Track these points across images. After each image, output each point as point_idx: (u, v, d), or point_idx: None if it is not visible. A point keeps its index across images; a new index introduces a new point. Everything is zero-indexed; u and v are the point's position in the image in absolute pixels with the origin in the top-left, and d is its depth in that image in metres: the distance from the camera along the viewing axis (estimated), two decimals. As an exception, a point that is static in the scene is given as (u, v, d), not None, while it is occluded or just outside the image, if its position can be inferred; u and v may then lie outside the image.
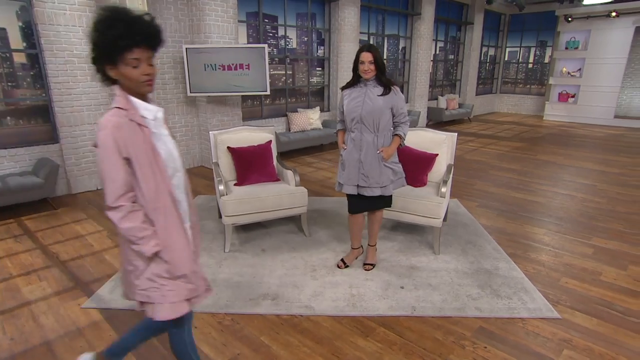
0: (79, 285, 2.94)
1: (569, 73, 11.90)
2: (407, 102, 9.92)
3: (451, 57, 11.76)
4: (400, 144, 2.85)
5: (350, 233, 3.12)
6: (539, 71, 13.49)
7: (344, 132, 2.96)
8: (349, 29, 7.39)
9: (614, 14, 10.47)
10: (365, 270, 3.08)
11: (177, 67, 5.55)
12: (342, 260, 3.16)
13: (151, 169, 1.41)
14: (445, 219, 4.01)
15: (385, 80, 2.73)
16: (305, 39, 7.34)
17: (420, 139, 3.82)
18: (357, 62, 2.68)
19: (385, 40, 9.15)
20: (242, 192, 3.45)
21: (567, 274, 3.11)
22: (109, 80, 1.41)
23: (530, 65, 13.63)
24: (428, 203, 3.29)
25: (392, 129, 2.85)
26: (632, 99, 11.74)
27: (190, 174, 5.84)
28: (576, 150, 7.87)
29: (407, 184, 3.64)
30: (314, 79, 7.73)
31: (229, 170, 3.82)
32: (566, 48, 11.81)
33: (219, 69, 5.29)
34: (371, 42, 8.82)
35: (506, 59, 13.90)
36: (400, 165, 2.92)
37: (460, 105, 11.22)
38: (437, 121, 10.53)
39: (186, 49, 5.16)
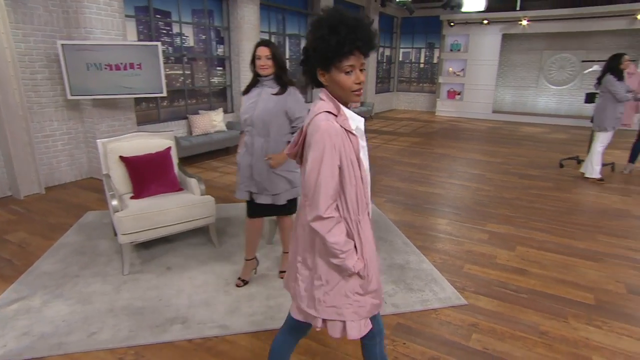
0: None
1: (454, 73, 13.12)
2: (311, 101, 10.02)
3: (351, 57, 12.19)
4: None
5: (245, 240, 2.88)
6: (430, 70, 14.65)
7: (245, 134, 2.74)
8: (249, 28, 7.18)
9: (485, 21, 11.79)
10: (281, 278, 2.97)
11: (52, 66, 4.82)
12: (239, 278, 2.90)
13: (355, 180, 1.34)
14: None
15: (286, 79, 2.55)
16: (203, 37, 6.96)
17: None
18: (253, 58, 2.50)
19: (287, 40, 9.11)
20: (139, 206, 3.09)
21: (469, 261, 3.35)
22: (314, 83, 1.35)
23: (421, 65, 14.74)
24: (340, 203, 3.28)
25: (288, 134, 2.64)
26: (504, 96, 13.36)
27: (76, 187, 5.14)
28: (465, 143, 8.67)
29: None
30: (215, 79, 7.38)
31: (124, 181, 3.41)
32: (451, 50, 12.99)
33: (105, 68, 4.70)
34: (272, 41, 8.72)
35: (400, 59, 14.86)
36: (297, 174, 2.70)
37: (362, 104, 11.68)
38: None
39: (62, 45, 4.48)
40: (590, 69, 7.16)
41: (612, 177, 6.10)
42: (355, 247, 1.39)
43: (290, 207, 2.79)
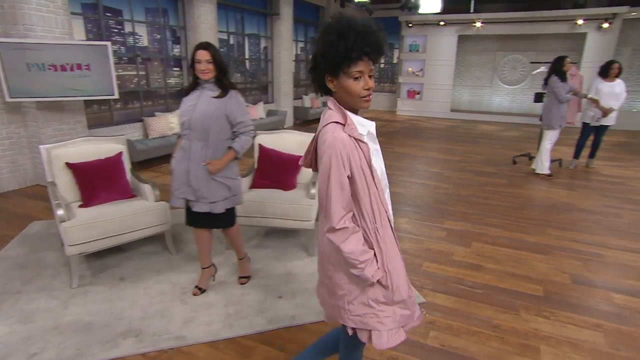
0: None
1: (414, 73, 13.41)
2: (272, 102, 9.95)
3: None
4: (236, 158, 2.60)
5: (197, 249, 2.80)
6: (390, 70, 14.91)
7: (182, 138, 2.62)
8: (206, 27, 7.01)
9: (442, 23, 12.14)
10: (241, 284, 2.91)
11: (-12, 66, 4.48)
12: (196, 287, 2.82)
13: (369, 187, 1.32)
14: (317, 219, 4.08)
15: (227, 82, 2.48)
16: (158, 36, 6.72)
17: (285, 141, 3.78)
18: (193, 62, 2.39)
19: (246, 40, 8.99)
20: (88, 215, 2.94)
21: (428, 259, 3.42)
22: (323, 90, 1.33)
23: (382, 65, 14.97)
24: (298, 206, 3.26)
25: (229, 139, 2.58)
26: (461, 96, 13.81)
27: (20, 195, 4.83)
28: (425, 142, 8.89)
29: (278, 188, 3.60)
30: (172, 80, 7.16)
31: (72, 189, 3.24)
32: (410, 50, 13.28)
33: (49, 69, 4.42)
34: (231, 41, 8.56)
35: (361, 59, 15.01)
36: (237, 181, 2.66)
37: (324, 104, 11.69)
38: (303, 120, 10.80)
39: (-2, 43, 4.16)
40: (538, 70, 7.53)
41: (559, 172, 6.43)
42: (376, 256, 1.37)
43: (228, 219, 2.70)
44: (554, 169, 6.50)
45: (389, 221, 1.40)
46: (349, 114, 1.33)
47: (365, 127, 1.36)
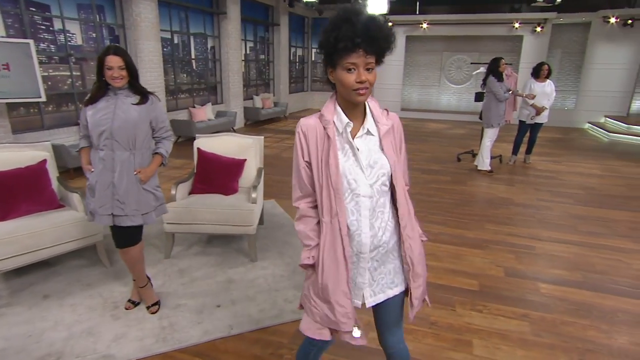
0: None
1: (364, 73, 13.60)
2: (222, 102, 9.73)
3: (262, 57, 12.05)
4: (162, 163, 2.54)
5: (129, 269, 2.62)
6: (341, 71, 15.04)
7: (89, 150, 2.43)
8: (147, 26, 6.72)
9: (390, 24, 12.38)
10: (152, 313, 2.60)
11: None
12: (128, 300, 2.68)
13: (324, 181, 1.32)
14: (262, 223, 4.02)
15: (142, 88, 2.39)
16: (94, 34, 6.36)
17: (226, 145, 3.69)
18: (101, 68, 2.22)
19: (192, 39, 8.72)
20: (4, 230, 2.71)
21: (369, 259, 3.45)
22: (330, 85, 1.33)
23: (333, 66, 15.07)
24: (240, 211, 3.19)
25: (152, 146, 2.50)
26: (411, 95, 14.20)
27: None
28: (374, 141, 9.03)
29: (218, 193, 3.51)
30: (111, 81, 6.79)
31: (-13, 201, 2.97)
32: (360, 51, 13.45)
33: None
34: (175, 40, 8.27)
35: (313, 59, 15.05)
36: (160, 190, 2.57)
37: (276, 104, 11.62)
38: (254, 120, 10.66)
39: None
40: (477, 71, 7.87)
41: (500, 168, 6.76)
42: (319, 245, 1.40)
43: (139, 235, 2.53)
44: (495, 165, 6.82)
45: (339, 223, 1.33)
46: (337, 106, 1.34)
47: (342, 123, 1.33)
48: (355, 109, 1.34)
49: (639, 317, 2.71)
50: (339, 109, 1.34)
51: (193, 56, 8.87)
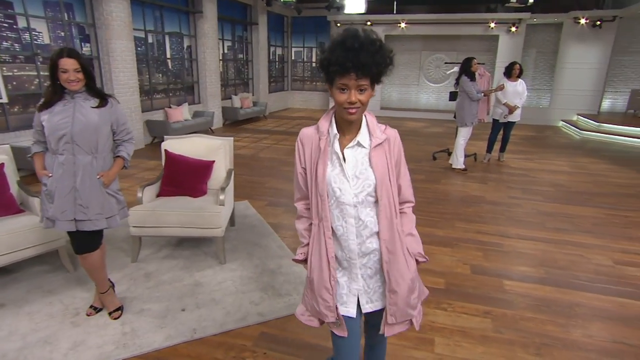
0: None
1: (344, 72, 13.63)
2: (199, 102, 9.63)
3: (241, 56, 11.96)
4: (124, 166, 2.52)
5: (89, 276, 2.58)
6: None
7: (43, 155, 2.37)
8: (119, 25, 6.58)
9: (369, 23, 12.45)
10: (114, 319, 2.57)
11: None
12: (90, 306, 2.64)
13: (313, 186, 1.44)
14: (233, 224, 4.00)
15: (99, 91, 2.36)
16: (62, 33, 6.20)
17: (195, 146, 3.66)
18: (54, 71, 2.17)
19: (167, 38, 8.59)
20: (-41, 237, 2.63)
21: (338, 259, 3.47)
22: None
23: (314, 64, 15.07)
24: (206, 214, 3.17)
25: (113, 149, 2.49)
26: (391, 94, 14.30)
27: None
28: (353, 140, 9.06)
29: (186, 195, 3.47)
30: (82, 81, 6.64)
31: (-58, 207, 2.88)
32: (339, 50, 13.47)
33: None
34: (150, 40, 8.14)
35: (293, 58, 15.02)
36: (121, 194, 2.55)
37: (255, 104, 11.56)
38: (233, 120, 10.57)
39: None
40: (451, 70, 7.99)
41: (475, 166, 6.87)
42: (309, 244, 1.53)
43: (99, 240, 2.51)
44: (470, 163, 6.93)
45: (324, 227, 1.44)
46: (333, 119, 1.42)
47: (330, 136, 1.41)
48: (350, 123, 1.39)
49: (594, 311, 2.79)
50: (333, 121, 1.42)
51: (169, 56, 8.74)
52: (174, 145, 3.61)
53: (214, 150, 3.67)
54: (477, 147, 7.90)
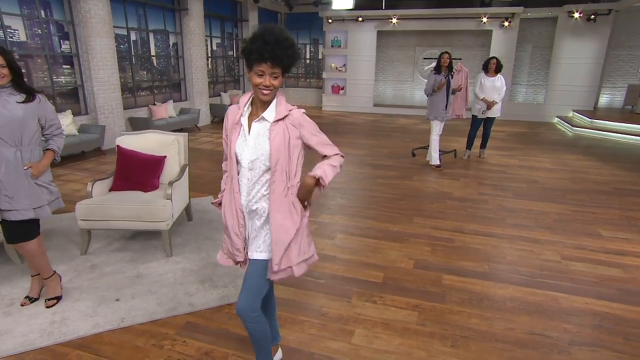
0: None
1: (337, 68, 13.64)
2: (186, 99, 9.72)
3: (231, 53, 12.03)
4: (55, 159, 2.60)
5: (29, 264, 2.69)
6: (316, 66, 15.06)
7: None
8: (98, 23, 6.68)
9: (360, 19, 12.43)
10: (48, 307, 2.65)
11: None
12: (26, 297, 2.73)
13: (228, 151, 1.76)
14: (190, 219, 4.07)
15: (27, 87, 2.45)
16: (39, 31, 6.32)
17: (148, 142, 3.72)
18: None
19: (152, 36, 8.69)
20: None
21: (284, 252, 3.51)
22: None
23: (308, 61, 15.08)
24: (151, 207, 3.23)
25: (42, 142, 2.58)
26: (385, 90, 14.26)
27: None
28: (338, 137, 9.07)
29: (138, 190, 3.55)
30: (62, 79, 6.78)
31: None
32: (332, 46, 13.48)
33: None
34: (133, 37, 8.24)
35: (288, 55, 15.02)
36: (55, 185, 2.65)
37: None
38: (222, 117, 10.64)
39: None
40: (430, 66, 7.96)
41: (453, 163, 6.85)
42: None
43: (28, 231, 2.55)
44: (449, 159, 6.92)
45: (232, 182, 1.76)
46: (251, 98, 1.72)
47: (241, 112, 1.72)
48: (264, 102, 1.67)
49: (524, 305, 2.80)
50: (250, 99, 1.72)
51: (153, 53, 8.84)
52: (127, 141, 3.68)
53: (167, 145, 3.74)
54: (459, 143, 7.88)
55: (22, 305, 2.68)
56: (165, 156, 3.68)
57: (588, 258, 3.53)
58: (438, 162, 6.38)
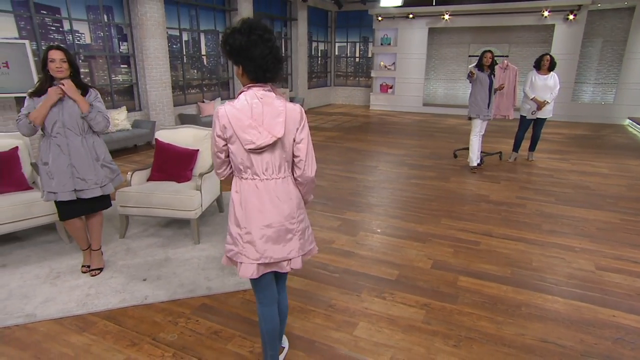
0: None
1: (386, 66, 13.51)
2: (234, 97, 10.12)
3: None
4: (88, 112, 2.72)
5: (74, 238, 3.10)
6: (365, 65, 15.01)
7: None
8: (152, 25, 7.19)
9: (411, 16, 12.21)
10: (93, 276, 3.06)
11: None
12: (83, 265, 3.15)
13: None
14: (222, 210, 4.30)
15: (83, 83, 2.79)
16: (101, 34, 6.93)
17: (184, 136, 3.99)
18: (45, 61, 2.62)
19: (202, 36, 9.16)
20: (-28, 206, 3.17)
21: (303, 246, 3.61)
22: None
23: (357, 60, 15.07)
24: (181, 197, 3.47)
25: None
26: (436, 89, 13.90)
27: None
28: (380, 137, 9.04)
29: (173, 180, 3.82)
30: (120, 77, 7.38)
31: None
32: (382, 44, 13.37)
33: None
34: (185, 37, 8.74)
35: (337, 53, 15.13)
36: (115, 164, 3.05)
37: (292, 99, 11.88)
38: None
39: None
40: (472, 65, 7.67)
41: (497, 165, 6.58)
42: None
43: (105, 202, 3.03)
44: (494, 162, 6.67)
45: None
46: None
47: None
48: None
49: (541, 312, 2.69)
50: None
51: (204, 52, 9.32)
52: (164, 134, 3.97)
53: (200, 139, 3.98)
54: (506, 145, 7.54)
55: (82, 272, 3.10)
56: (198, 150, 3.93)
57: (627, 270, 3.28)
58: (474, 164, 6.16)
